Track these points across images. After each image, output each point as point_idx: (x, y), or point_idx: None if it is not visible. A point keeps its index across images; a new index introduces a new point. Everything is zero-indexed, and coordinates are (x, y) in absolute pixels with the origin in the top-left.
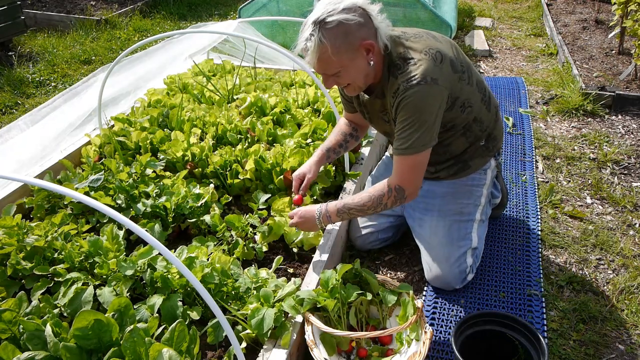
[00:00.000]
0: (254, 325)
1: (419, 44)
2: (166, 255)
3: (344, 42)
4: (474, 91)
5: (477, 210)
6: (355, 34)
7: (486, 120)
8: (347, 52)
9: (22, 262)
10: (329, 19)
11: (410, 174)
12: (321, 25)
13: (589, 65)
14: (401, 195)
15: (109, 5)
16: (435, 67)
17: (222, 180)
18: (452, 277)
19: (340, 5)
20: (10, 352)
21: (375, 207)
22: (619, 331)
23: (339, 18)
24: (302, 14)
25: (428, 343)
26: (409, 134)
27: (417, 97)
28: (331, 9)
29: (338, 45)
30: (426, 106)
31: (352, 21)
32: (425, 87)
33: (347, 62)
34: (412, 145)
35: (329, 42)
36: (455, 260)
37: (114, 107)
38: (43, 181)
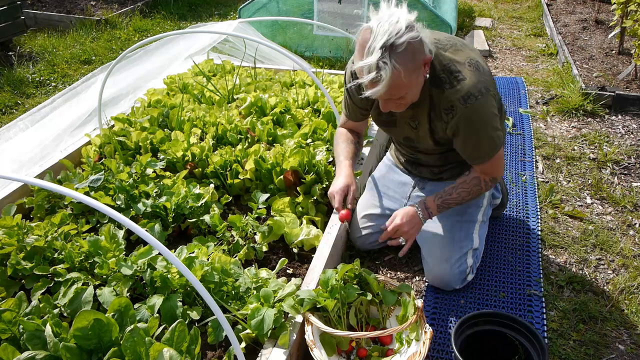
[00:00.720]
0: (253, 325)
1: (459, 55)
2: (166, 255)
3: (413, 62)
4: (498, 96)
5: (479, 211)
6: (419, 52)
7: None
8: (414, 72)
9: (22, 262)
10: (398, 42)
11: (497, 167)
12: (391, 50)
13: (589, 65)
14: (494, 182)
15: (109, 5)
16: (482, 77)
17: (222, 180)
18: (453, 278)
19: (401, 24)
20: (10, 352)
21: (475, 197)
22: (619, 331)
23: (406, 39)
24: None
25: (428, 343)
26: (482, 144)
27: (480, 111)
28: (396, 31)
29: (410, 68)
30: (490, 115)
31: (415, 39)
32: (482, 99)
33: (414, 82)
34: (490, 152)
35: (402, 66)
36: (456, 261)
37: (114, 107)
38: (43, 181)
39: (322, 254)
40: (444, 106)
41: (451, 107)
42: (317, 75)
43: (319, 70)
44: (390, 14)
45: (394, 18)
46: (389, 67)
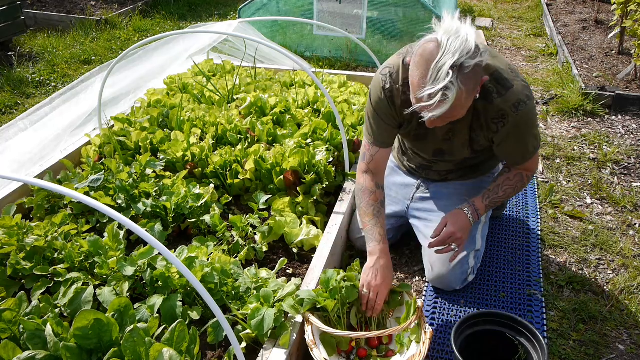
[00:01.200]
0: (254, 325)
1: (500, 62)
2: (166, 255)
3: (475, 85)
4: None
5: None
6: (480, 73)
7: None
8: (473, 93)
9: (22, 262)
10: (467, 64)
11: (538, 161)
12: (460, 70)
13: (589, 65)
14: (532, 177)
15: (109, 5)
16: (523, 82)
17: (222, 180)
18: (454, 278)
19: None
20: (11, 349)
21: (515, 192)
22: (619, 331)
23: (475, 61)
24: (302, 14)
25: (428, 343)
26: (532, 144)
27: (530, 116)
28: (467, 50)
29: (471, 89)
30: (535, 118)
31: (482, 63)
32: (530, 104)
33: (468, 102)
34: (536, 149)
35: (465, 87)
36: (458, 262)
37: (114, 107)
38: (43, 181)
39: (322, 254)
40: (493, 116)
41: (502, 115)
42: (317, 75)
43: (319, 70)
44: (457, 29)
45: (464, 35)
46: (455, 87)
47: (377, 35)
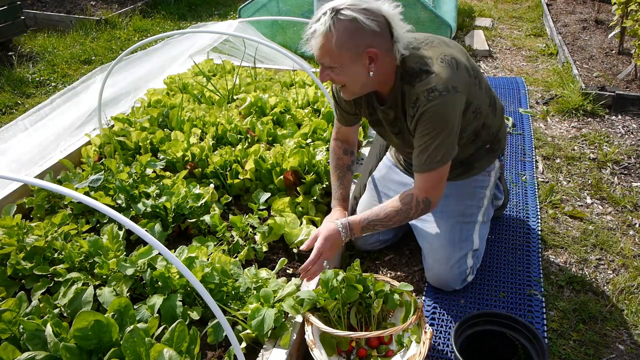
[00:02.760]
0: (254, 326)
1: (433, 51)
2: (166, 256)
3: (350, 39)
4: (484, 96)
5: (479, 211)
6: (364, 38)
7: (493, 125)
8: (349, 51)
9: (22, 262)
10: (345, 11)
11: (438, 185)
12: (336, 13)
13: (589, 65)
14: (427, 206)
15: (109, 5)
16: (453, 74)
17: (222, 180)
18: (452, 278)
19: (364, 4)
20: (10, 352)
21: (401, 220)
22: (619, 331)
23: (355, 15)
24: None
25: (428, 343)
26: (435, 146)
27: (441, 107)
28: (353, 3)
29: (343, 40)
30: (450, 116)
31: (366, 24)
32: (447, 96)
33: (347, 62)
34: (438, 159)
35: (336, 32)
36: (456, 262)
37: (114, 107)
38: (43, 181)
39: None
40: (411, 100)
41: (416, 99)
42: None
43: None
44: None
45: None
46: (325, 24)
47: None
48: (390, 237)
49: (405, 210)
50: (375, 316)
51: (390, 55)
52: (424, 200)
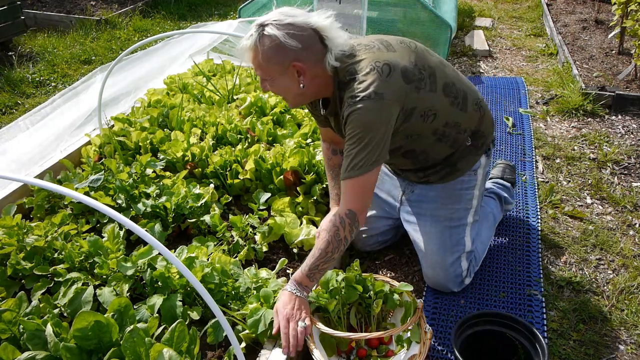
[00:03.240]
0: (250, 324)
1: (367, 58)
2: (166, 256)
3: (274, 55)
4: (439, 97)
5: (468, 213)
6: (287, 54)
7: (464, 121)
8: (275, 65)
9: (22, 262)
10: (268, 29)
11: (360, 196)
12: (262, 30)
13: (589, 65)
14: (353, 219)
15: (109, 5)
16: (380, 82)
17: (222, 180)
18: (448, 281)
19: (288, 19)
20: (11, 352)
21: (336, 247)
22: (619, 331)
23: (277, 33)
24: None
25: (428, 343)
26: (355, 153)
27: (361, 113)
28: (277, 19)
29: (269, 56)
30: (371, 123)
31: (287, 42)
32: (369, 102)
33: (276, 75)
34: (359, 165)
35: (262, 47)
36: (450, 265)
37: (114, 107)
38: (43, 181)
39: None
40: (343, 107)
41: (343, 103)
42: None
43: None
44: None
45: (292, 13)
46: (252, 39)
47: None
48: (389, 237)
49: (333, 235)
50: (375, 316)
51: (320, 66)
52: (347, 213)
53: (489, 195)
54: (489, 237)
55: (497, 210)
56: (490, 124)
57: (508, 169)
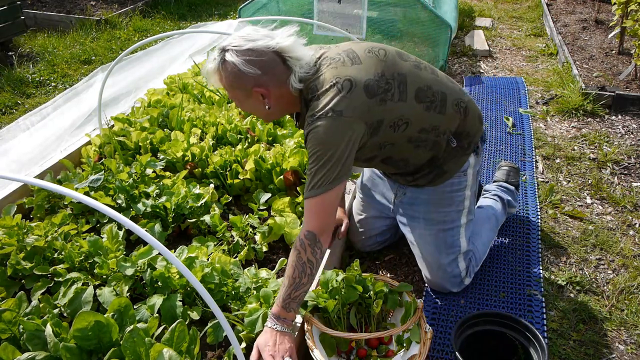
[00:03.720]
0: (247, 323)
1: (330, 73)
2: (166, 256)
3: (236, 81)
4: (410, 105)
5: (461, 215)
6: (248, 80)
7: (443, 123)
8: (239, 90)
9: (22, 262)
10: (228, 55)
11: (319, 216)
12: (223, 55)
13: (589, 65)
14: (313, 240)
15: (109, 5)
16: (340, 98)
17: (222, 180)
18: (447, 282)
19: (248, 44)
20: (10, 352)
21: (302, 271)
22: (619, 331)
23: (236, 60)
24: (302, 14)
25: (428, 343)
26: (314, 172)
27: (318, 132)
28: (237, 45)
29: (231, 81)
30: (329, 141)
31: (247, 70)
32: (326, 120)
33: (241, 98)
34: (318, 185)
35: (224, 73)
36: (447, 266)
37: (114, 107)
38: (43, 181)
39: None
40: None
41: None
42: None
43: None
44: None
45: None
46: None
47: (377, 35)
48: (388, 236)
49: (296, 259)
50: (375, 316)
51: (285, 87)
52: (306, 234)
53: (492, 197)
54: (491, 239)
55: (499, 213)
56: (476, 122)
57: (512, 172)
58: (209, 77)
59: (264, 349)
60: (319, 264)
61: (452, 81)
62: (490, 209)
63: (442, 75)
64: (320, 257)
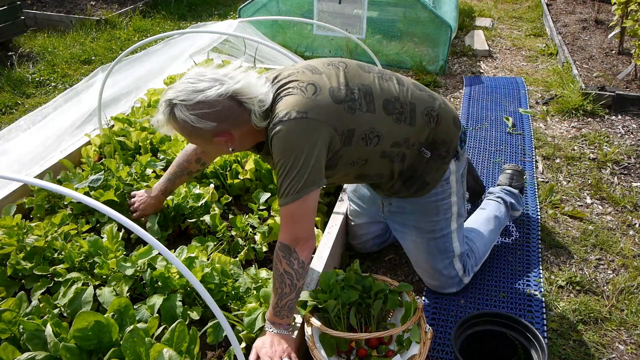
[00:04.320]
0: (246, 323)
1: (291, 84)
2: (166, 256)
3: (193, 133)
4: (379, 117)
5: (449, 223)
6: (205, 133)
7: (413, 135)
8: (198, 138)
9: (22, 262)
10: (177, 111)
11: (292, 227)
12: (171, 109)
13: (589, 65)
14: (287, 252)
15: (109, 5)
16: (304, 100)
17: (222, 180)
18: (444, 284)
19: (197, 96)
20: (10, 352)
21: (282, 281)
22: (619, 331)
23: (187, 118)
24: (302, 14)
25: (429, 343)
26: (281, 182)
27: (280, 136)
28: (186, 100)
29: (187, 133)
30: (292, 146)
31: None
32: (289, 123)
33: (202, 144)
34: (285, 193)
35: (177, 125)
36: (443, 269)
37: (114, 107)
38: (43, 181)
39: (322, 254)
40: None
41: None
42: None
43: None
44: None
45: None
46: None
47: (377, 35)
48: (386, 237)
49: (275, 271)
50: (375, 316)
51: (247, 125)
52: (279, 246)
53: (495, 199)
54: (492, 240)
55: (502, 215)
56: (451, 127)
57: (516, 175)
58: (160, 128)
59: (261, 351)
60: (300, 273)
61: (422, 88)
62: (492, 211)
63: (409, 83)
64: (300, 267)
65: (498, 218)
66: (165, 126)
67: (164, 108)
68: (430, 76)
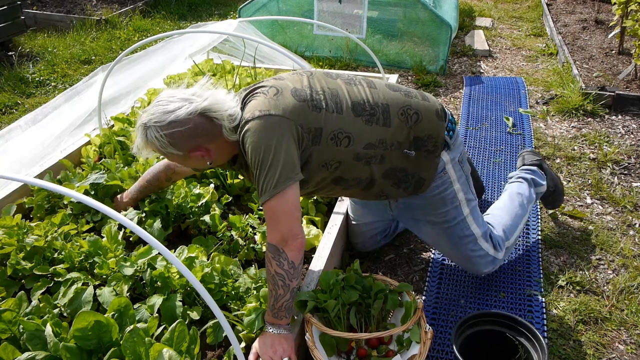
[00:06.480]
0: (246, 323)
1: (255, 90)
2: (166, 256)
3: (170, 151)
4: (348, 118)
5: (460, 210)
6: (180, 150)
7: (390, 136)
8: (175, 156)
9: (22, 262)
10: (150, 133)
11: (275, 225)
12: (145, 131)
13: (589, 65)
14: (276, 252)
15: (109, 5)
16: (266, 101)
17: (222, 180)
18: (476, 267)
19: (169, 117)
20: (10, 352)
21: (274, 283)
22: (619, 331)
23: (161, 139)
24: (302, 13)
25: (429, 343)
26: (257, 179)
27: (248, 135)
28: (158, 121)
29: (165, 152)
30: (262, 140)
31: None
32: (254, 123)
33: (180, 161)
34: (263, 191)
35: (153, 146)
36: (470, 252)
37: (114, 106)
38: (43, 181)
39: (322, 254)
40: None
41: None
42: None
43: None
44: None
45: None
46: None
47: (377, 35)
48: (389, 231)
49: (267, 273)
50: (375, 316)
51: (222, 139)
52: (268, 247)
53: (516, 180)
54: (520, 215)
55: (525, 191)
56: (434, 120)
57: (527, 155)
58: (142, 151)
59: (261, 351)
60: (292, 273)
61: (396, 88)
62: (513, 189)
63: (381, 85)
64: (291, 267)
65: (520, 194)
66: (145, 149)
67: (141, 132)
68: (430, 76)
